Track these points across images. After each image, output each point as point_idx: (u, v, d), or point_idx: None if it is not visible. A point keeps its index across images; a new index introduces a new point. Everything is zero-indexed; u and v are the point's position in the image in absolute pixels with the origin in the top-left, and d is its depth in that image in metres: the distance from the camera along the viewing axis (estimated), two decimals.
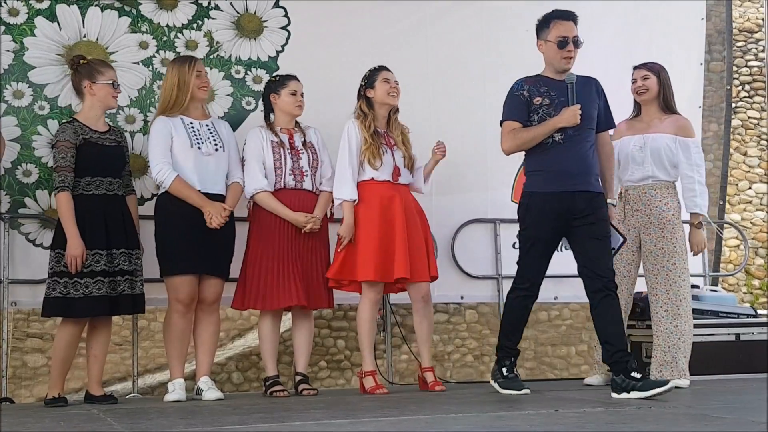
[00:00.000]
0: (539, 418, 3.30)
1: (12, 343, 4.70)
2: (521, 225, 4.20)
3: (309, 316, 4.62)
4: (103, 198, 4.21)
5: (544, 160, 4.12)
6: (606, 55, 5.57)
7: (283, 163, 4.50)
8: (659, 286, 4.60)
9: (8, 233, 4.57)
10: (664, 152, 4.67)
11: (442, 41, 5.41)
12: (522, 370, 5.47)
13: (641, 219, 4.67)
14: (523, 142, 4.15)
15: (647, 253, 4.65)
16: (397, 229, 4.48)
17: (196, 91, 4.40)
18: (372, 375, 4.52)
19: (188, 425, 3.25)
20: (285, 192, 4.50)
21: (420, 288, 4.57)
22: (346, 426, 3.13)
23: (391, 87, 4.60)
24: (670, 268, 4.59)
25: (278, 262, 4.42)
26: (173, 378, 4.32)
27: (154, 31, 4.96)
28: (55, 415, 3.74)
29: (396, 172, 4.58)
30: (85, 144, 4.20)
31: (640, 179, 4.69)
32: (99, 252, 4.13)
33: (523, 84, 4.18)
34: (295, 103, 4.59)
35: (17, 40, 4.72)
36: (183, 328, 4.33)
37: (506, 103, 4.23)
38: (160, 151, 4.31)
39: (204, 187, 4.34)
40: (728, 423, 3.04)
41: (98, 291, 4.09)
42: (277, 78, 4.67)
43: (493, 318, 5.43)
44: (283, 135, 4.58)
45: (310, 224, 4.45)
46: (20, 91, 4.70)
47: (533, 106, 4.13)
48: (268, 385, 4.49)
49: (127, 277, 4.18)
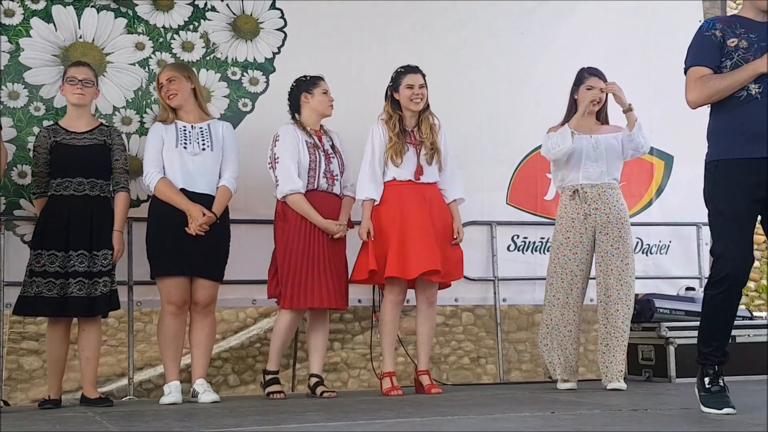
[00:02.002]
0: (535, 421, 3.30)
1: (7, 345, 4.68)
2: (708, 204, 3.45)
3: (326, 317, 4.60)
4: (70, 198, 4.20)
5: (734, 118, 3.38)
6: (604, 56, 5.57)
7: (317, 165, 4.48)
8: (613, 286, 4.59)
9: (3, 235, 4.56)
10: (616, 150, 4.69)
11: (439, 43, 5.41)
12: (519, 372, 5.46)
13: (600, 218, 4.63)
14: (715, 92, 3.39)
15: (603, 252, 4.62)
16: (418, 228, 4.46)
17: (167, 102, 4.42)
18: (389, 376, 4.52)
19: (184, 428, 3.24)
20: (317, 194, 4.47)
21: (426, 289, 4.57)
22: (341, 428, 3.13)
23: (413, 93, 4.57)
24: (623, 268, 4.59)
25: (309, 264, 4.39)
26: (169, 380, 4.31)
27: (151, 32, 4.95)
28: (50, 418, 3.73)
29: (419, 171, 4.57)
30: (56, 146, 4.24)
31: (597, 177, 4.67)
32: (55, 253, 4.13)
33: (716, 23, 3.47)
34: (328, 103, 4.58)
35: (13, 41, 4.71)
36: (176, 330, 4.32)
37: (692, 45, 3.51)
38: (149, 156, 4.36)
39: (188, 186, 4.33)
40: (725, 424, 3.05)
41: (48, 292, 4.09)
42: (307, 78, 4.62)
43: (489, 320, 5.43)
44: (314, 137, 4.56)
45: (340, 232, 4.45)
46: (16, 92, 4.69)
47: (727, 48, 3.40)
48: (267, 380, 4.46)
49: (80, 279, 4.14)
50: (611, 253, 4.60)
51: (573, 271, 4.61)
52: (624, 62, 5.70)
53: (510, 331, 5.51)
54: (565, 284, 4.63)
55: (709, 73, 3.41)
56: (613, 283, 4.59)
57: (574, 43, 5.63)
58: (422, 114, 4.63)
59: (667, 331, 5.09)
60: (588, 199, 4.64)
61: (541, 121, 4.98)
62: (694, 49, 3.50)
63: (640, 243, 5.65)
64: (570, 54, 5.41)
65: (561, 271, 4.64)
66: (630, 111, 4.62)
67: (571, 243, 4.63)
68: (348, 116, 4.78)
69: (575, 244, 4.63)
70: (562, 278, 4.63)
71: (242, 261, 4.54)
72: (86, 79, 4.30)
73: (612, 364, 4.57)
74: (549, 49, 5.60)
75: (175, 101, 4.42)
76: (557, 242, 4.69)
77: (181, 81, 4.44)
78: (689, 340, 5.10)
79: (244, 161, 4.57)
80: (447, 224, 4.61)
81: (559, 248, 4.66)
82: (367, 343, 4.97)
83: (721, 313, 3.41)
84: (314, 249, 4.42)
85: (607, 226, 4.62)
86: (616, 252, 4.60)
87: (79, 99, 4.30)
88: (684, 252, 5.83)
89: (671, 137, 5.80)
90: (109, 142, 4.34)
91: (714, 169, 3.41)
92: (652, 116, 5.76)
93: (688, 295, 5.44)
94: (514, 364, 5.50)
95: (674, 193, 5.81)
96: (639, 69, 5.78)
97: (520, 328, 5.54)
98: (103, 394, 4.46)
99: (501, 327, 5.41)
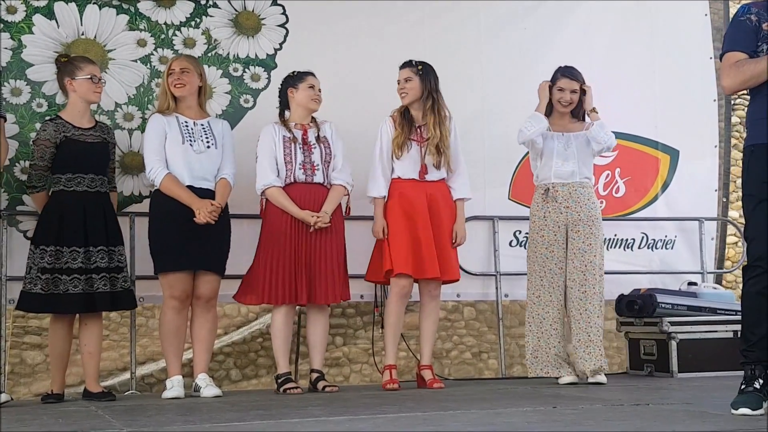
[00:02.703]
0: (537, 415, 3.31)
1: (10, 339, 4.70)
2: (743, 190, 3.34)
3: (324, 311, 4.59)
4: (84, 195, 4.22)
5: None
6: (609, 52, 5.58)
7: (293, 158, 4.49)
8: (587, 282, 4.61)
9: (6, 230, 4.57)
10: (587, 148, 4.71)
11: (441, 39, 5.41)
12: (520, 367, 5.46)
13: (571, 216, 4.66)
14: (750, 77, 3.30)
15: (575, 249, 4.65)
16: (420, 227, 4.49)
17: (173, 89, 4.41)
18: (389, 369, 4.54)
19: (186, 422, 3.25)
20: (295, 186, 4.48)
21: (429, 285, 4.58)
22: (343, 423, 3.13)
23: (400, 88, 4.62)
24: (596, 263, 4.63)
25: (287, 259, 4.41)
26: (171, 375, 4.32)
27: (152, 28, 4.96)
28: (52, 412, 3.74)
29: (423, 170, 4.58)
30: (66, 141, 4.22)
31: (569, 176, 4.69)
32: (76, 249, 4.15)
33: (751, 7, 3.38)
34: (312, 97, 4.57)
35: (15, 38, 4.72)
36: (178, 324, 4.34)
37: (728, 32, 3.45)
38: (152, 149, 4.34)
39: (194, 183, 4.34)
40: (727, 420, 3.04)
41: (74, 289, 4.11)
42: (295, 73, 4.64)
43: (491, 315, 5.43)
44: (297, 131, 4.56)
45: (318, 223, 4.45)
46: (18, 88, 4.70)
47: (762, 32, 3.32)
48: (280, 382, 4.46)
49: (104, 274, 4.18)
50: (583, 250, 4.63)
51: (552, 269, 4.64)
52: (628, 57, 5.70)
53: (512, 326, 5.51)
54: (545, 282, 4.65)
55: (745, 58, 3.31)
56: (588, 278, 4.61)
57: (577, 38, 5.63)
58: (427, 108, 4.62)
59: (669, 326, 5.09)
60: (559, 198, 4.68)
61: None
62: (729, 34, 3.42)
63: (645, 238, 5.66)
64: (574, 50, 5.41)
65: (540, 270, 4.67)
66: (593, 112, 4.72)
67: (546, 241, 4.67)
68: (350, 112, 4.79)
69: (550, 242, 4.66)
70: (541, 276, 4.66)
71: (244, 256, 4.55)
72: (101, 77, 4.35)
73: (590, 360, 4.58)
74: (552, 45, 5.59)
75: (180, 91, 4.42)
76: (533, 241, 4.74)
77: (193, 75, 4.46)
78: (691, 335, 5.11)
79: (246, 157, 4.58)
80: (451, 224, 4.62)
81: (536, 247, 4.70)
82: (369, 338, 4.97)
83: (757, 301, 3.21)
84: (293, 244, 4.42)
85: (578, 224, 4.66)
86: (588, 248, 4.64)
87: (98, 98, 4.38)
88: (690, 247, 5.83)
89: (676, 132, 5.80)
90: (108, 140, 4.37)
91: (749, 153, 3.31)
92: (657, 111, 5.77)
93: (690, 290, 5.44)
94: (515, 359, 5.50)
95: (680, 187, 5.81)
96: (644, 64, 5.78)
97: (521, 323, 5.53)
98: (106, 388, 4.48)
99: (503, 322, 5.42)
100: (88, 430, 3.08)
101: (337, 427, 3.02)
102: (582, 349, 4.61)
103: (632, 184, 5.24)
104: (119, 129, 4.81)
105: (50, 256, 4.13)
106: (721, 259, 6.09)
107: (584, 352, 4.60)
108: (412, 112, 4.63)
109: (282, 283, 4.39)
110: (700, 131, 5.90)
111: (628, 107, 5.48)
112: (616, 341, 5.54)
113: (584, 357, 4.60)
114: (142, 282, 4.71)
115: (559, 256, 4.66)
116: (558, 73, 4.78)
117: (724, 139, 6.10)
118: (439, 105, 4.63)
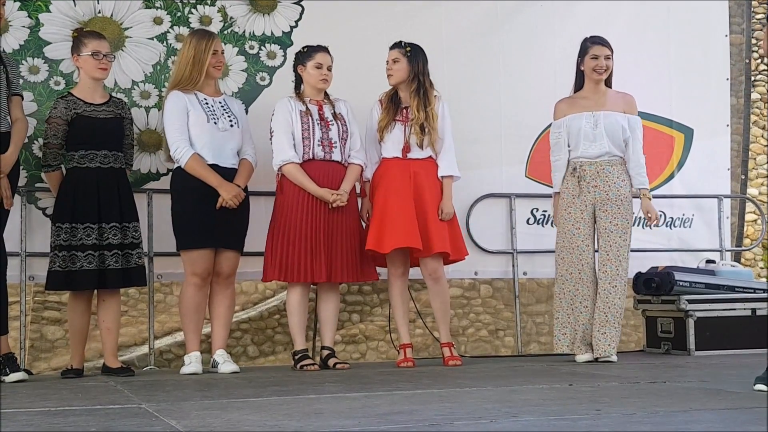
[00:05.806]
0: (553, 392, 3.31)
1: (31, 314, 4.75)
2: None
3: (335, 289, 4.61)
4: (97, 171, 4.23)
5: None
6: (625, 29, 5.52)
7: (311, 134, 4.47)
8: (611, 262, 4.60)
9: (25, 207, 4.60)
10: (618, 129, 4.67)
11: (456, 16, 5.36)
12: (537, 344, 5.47)
13: (599, 195, 4.65)
14: None
15: (602, 229, 4.64)
16: (398, 204, 4.48)
17: (211, 70, 4.40)
18: (403, 348, 4.57)
19: (204, 397, 3.28)
20: (314, 163, 4.47)
21: (427, 265, 4.58)
22: (360, 399, 3.15)
23: (387, 68, 4.62)
24: (621, 244, 4.62)
25: (303, 236, 4.40)
26: (189, 351, 4.36)
27: (168, 6, 4.95)
28: (72, 387, 3.78)
29: (406, 148, 4.58)
30: (77, 118, 4.22)
31: (597, 156, 4.66)
32: (90, 226, 4.17)
33: None
34: (319, 77, 4.53)
35: (33, 16, 4.73)
36: (199, 301, 4.36)
37: None
38: (176, 128, 4.32)
39: (218, 161, 4.35)
40: (743, 398, 3.04)
41: (89, 265, 4.14)
42: (305, 49, 4.60)
43: (507, 293, 5.43)
44: (312, 106, 4.54)
45: (337, 201, 4.44)
46: (36, 66, 4.72)
47: None
48: (297, 359, 4.48)
49: (116, 251, 4.20)
50: (610, 230, 4.62)
51: (579, 246, 4.63)
52: (644, 34, 5.65)
53: (528, 304, 5.50)
54: (574, 258, 4.64)
55: None
56: (611, 258, 4.60)
57: (594, 16, 5.57)
58: (411, 91, 4.59)
59: (687, 304, 5.07)
60: (586, 177, 4.65)
61: (561, 94, 4.94)
62: None
63: (663, 216, 5.63)
64: (591, 28, 5.32)
65: (569, 246, 4.66)
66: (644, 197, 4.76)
67: (573, 218, 4.67)
68: (364, 89, 4.77)
69: (577, 219, 4.66)
70: (570, 252, 4.65)
71: (262, 233, 4.56)
72: (109, 53, 4.32)
73: (604, 340, 4.57)
74: (570, 22, 5.54)
75: (219, 73, 4.46)
76: (561, 217, 4.74)
77: (223, 56, 4.50)
78: (709, 313, 5.09)
79: (263, 135, 4.58)
80: (437, 201, 4.59)
81: (564, 223, 4.70)
82: (386, 316, 4.99)
83: None
84: (312, 221, 4.42)
85: (606, 203, 4.64)
86: (615, 229, 4.62)
87: (103, 74, 4.33)
88: (708, 225, 5.80)
89: (691, 110, 5.76)
90: (123, 115, 4.37)
91: None
92: (672, 88, 5.72)
93: (708, 268, 5.42)
94: (532, 337, 5.49)
95: (695, 165, 5.77)
96: (659, 41, 5.73)
97: (538, 300, 5.53)
98: (125, 362, 4.52)
99: (519, 300, 5.42)
100: (106, 405, 3.12)
101: (354, 403, 3.04)
102: (597, 329, 4.60)
103: (648, 163, 5.17)
104: (136, 107, 4.81)
105: (66, 234, 4.17)
106: (740, 237, 6.06)
107: (599, 332, 4.59)
108: (399, 94, 4.63)
109: (299, 260, 4.40)
110: (714, 109, 5.85)
111: (644, 85, 5.43)
112: (633, 319, 5.53)
113: (598, 337, 4.59)
114: (160, 259, 4.75)
115: (586, 234, 4.65)
116: (587, 42, 4.75)
117: (744, 116, 6.05)
118: (426, 88, 4.60)
